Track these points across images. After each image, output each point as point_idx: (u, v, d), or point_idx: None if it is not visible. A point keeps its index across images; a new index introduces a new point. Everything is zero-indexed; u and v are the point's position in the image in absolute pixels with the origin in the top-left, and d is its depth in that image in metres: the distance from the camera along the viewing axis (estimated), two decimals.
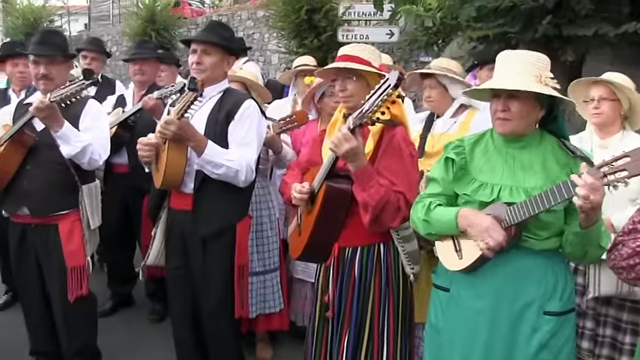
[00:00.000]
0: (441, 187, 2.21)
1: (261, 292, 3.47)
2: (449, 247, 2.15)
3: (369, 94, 2.16)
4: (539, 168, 2.05)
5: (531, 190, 1.99)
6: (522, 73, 2.01)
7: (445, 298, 2.23)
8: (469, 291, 2.14)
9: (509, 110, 2.02)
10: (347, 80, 2.49)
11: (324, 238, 2.49)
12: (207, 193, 2.81)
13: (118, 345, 3.79)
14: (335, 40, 9.88)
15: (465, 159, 2.16)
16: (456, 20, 6.14)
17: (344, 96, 2.51)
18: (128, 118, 3.93)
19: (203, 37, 2.90)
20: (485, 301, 2.09)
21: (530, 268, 2.04)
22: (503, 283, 2.06)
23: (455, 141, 2.25)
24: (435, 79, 3.20)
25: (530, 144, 2.09)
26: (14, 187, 3.06)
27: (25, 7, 20.91)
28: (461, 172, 2.16)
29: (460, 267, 2.11)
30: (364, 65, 2.46)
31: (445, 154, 2.22)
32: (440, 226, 2.13)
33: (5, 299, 4.51)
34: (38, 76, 3.01)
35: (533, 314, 2.04)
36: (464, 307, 2.15)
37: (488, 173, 2.10)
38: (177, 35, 15.81)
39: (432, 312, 2.30)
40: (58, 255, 3.07)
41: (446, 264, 2.18)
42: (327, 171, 2.39)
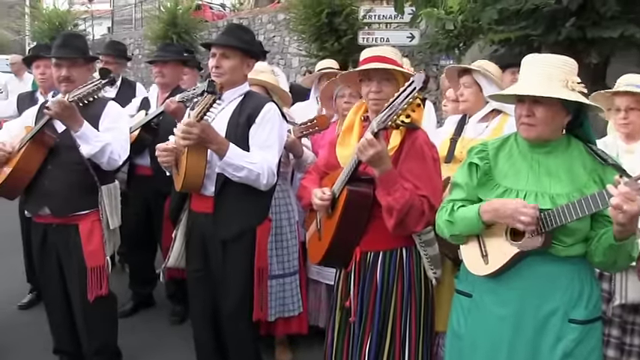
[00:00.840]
0: (464, 193, 2.18)
1: (280, 296, 3.47)
2: (475, 252, 2.13)
3: (394, 97, 2.13)
4: (565, 174, 2.01)
5: (557, 197, 1.96)
6: (548, 77, 1.97)
7: (467, 304, 2.20)
8: (492, 297, 2.10)
9: (534, 116, 1.98)
10: (384, 82, 2.45)
11: (345, 242, 2.47)
12: (227, 196, 2.80)
13: (138, 345, 3.80)
14: (355, 44, 9.88)
15: (489, 164, 2.13)
16: (477, 23, 6.10)
17: (379, 98, 2.44)
18: (151, 121, 3.95)
19: (222, 40, 2.91)
20: (509, 308, 2.05)
21: (555, 274, 2.00)
22: (527, 289, 2.02)
23: (478, 145, 2.22)
24: (472, 77, 3.13)
25: (557, 149, 2.05)
26: (36, 187, 3.09)
27: (50, 11, 21.29)
28: (485, 178, 2.13)
29: (486, 272, 2.08)
30: (398, 67, 2.44)
31: (469, 159, 2.19)
32: (464, 224, 2.10)
33: (30, 298, 4.56)
34: (60, 79, 3.05)
35: (557, 322, 2.00)
36: (486, 314, 2.12)
37: (513, 178, 2.07)
38: (199, 38, 15.94)
39: (454, 318, 2.27)
40: (78, 255, 3.10)
41: (471, 269, 2.15)
42: (349, 175, 2.37)
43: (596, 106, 2.08)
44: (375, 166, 2.25)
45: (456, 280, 2.31)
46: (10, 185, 3.08)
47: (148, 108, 4.20)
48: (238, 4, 22.79)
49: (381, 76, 2.45)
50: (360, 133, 2.55)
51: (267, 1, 19.97)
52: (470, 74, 3.15)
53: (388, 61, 2.45)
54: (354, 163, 2.33)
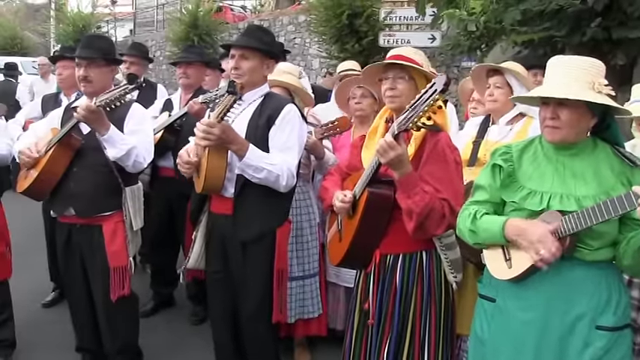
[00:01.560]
0: (487, 195, 2.15)
1: (300, 297, 3.47)
2: (498, 256, 2.09)
3: (414, 99, 2.12)
4: (591, 176, 1.98)
5: (583, 199, 1.93)
6: (574, 79, 1.94)
7: (491, 309, 2.17)
8: (516, 302, 2.07)
9: (559, 118, 1.95)
10: (398, 80, 2.45)
11: (365, 244, 2.46)
12: (247, 198, 2.80)
13: (159, 345, 3.84)
14: (376, 45, 9.86)
15: (513, 166, 2.10)
16: (500, 24, 6.03)
17: (392, 95, 2.46)
18: (174, 122, 3.98)
19: (241, 41, 2.92)
20: (534, 313, 2.02)
21: (582, 279, 1.96)
22: (552, 294, 1.99)
23: (502, 147, 2.19)
24: (504, 77, 3.06)
25: (582, 151, 2.02)
26: (62, 188, 3.13)
27: (75, 14, 21.60)
28: (509, 180, 2.10)
29: (509, 276, 2.05)
30: (418, 66, 2.42)
31: (492, 161, 2.16)
32: (486, 236, 2.07)
33: (53, 296, 4.62)
34: (79, 78, 3.09)
35: (584, 328, 1.96)
36: (510, 319, 2.09)
37: (538, 181, 2.04)
38: (220, 40, 16.02)
39: (477, 322, 2.24)
40: (102, 255, 3.13)
41: (494, 273, 2.12)
42: (370, 177, 2.36)
43: (624, 109, 2.04)
44: (394, 168, 2.24)
45: (479, 285, 2.28)
46: (38, 187, 3.12)
47: (170, 109, 4.23)
48: (259, 6, 22.92)
49: (395, 73, 2.45)
50: (382, 136, 2.54)
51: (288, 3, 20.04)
52: (501, 75, 3.08)
53: (405, 59, 2.44)
54: (375, 165, 2.32)
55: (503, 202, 2.13)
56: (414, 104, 2.11)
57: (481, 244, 2.14)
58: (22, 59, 15.76)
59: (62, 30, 21.86)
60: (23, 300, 4.13)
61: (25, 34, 28.88)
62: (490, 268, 2.15)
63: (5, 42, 26.17)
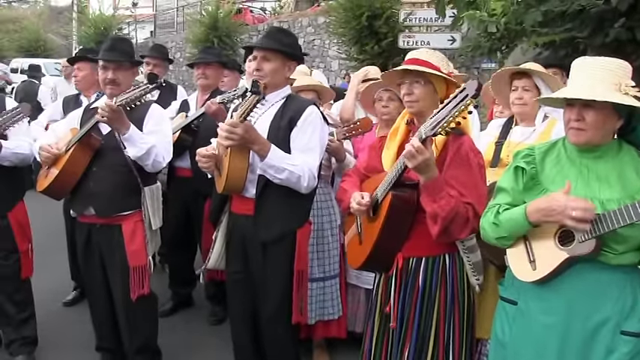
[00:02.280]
0: (510, 197, 2.12)
1: (320, 299, 3.46)
2: (522, 257, 2.07)
3: (443, 103, 2.09)
4: (615, 179, 1.94)
5: (607, 202, 1.89)
6: (600, 80, 1.90)
7: (512, 312, 2.14)
8: (539, 304, 2.04)
9: (584, 120, 1.92)
10: (414, 84, 2.42)
11: (388, 247, 2.44)
12: (268, 199, 2.81)
13: (177, 344, 3.85)
14: (396, 47, 9.84)
15: (536, 168, 2.07)
16: (520, 25, 5.97)
17: (409, 100, 2.44)
18: (191, 123, 4.00)
19: (263, 43, 2.92)
20: (556, 317, 1.99)
21: (606, 283, 1.93)
22: (575, 298, 1.96)
23: (525, 149, 2.16)
24: (532, 80, 3.01)
25: (607, 154, 1.98)
26: (81, 188, 3.16)
27: (96, 16, 21.91)
28: (531, 182, 2.07)
29: (534, 278, 2.02)
30: (434, 70, 2.39)
31: (515, 163, 2.13)
32: (509, 225, 2.04)
33: (74, 295, 4.66)
34: (106, 81, 3.11)
35: (608, 333, 1.92)
36: (532, 322, 2.06)
37: (561, 184, 1.99)
38: (239, 41, 16.12)
39: (498, 325, 2.21)
40: (121, 254, 3.15)
41: (518, 274, 2.09)
42: (394, 181, 2.34)
43: None
44: (421, 172, 2.21)
45: (501, 287, 2.25)
46: (58, 186, 3.15)
47: (187, 110, 4.26)
48: (279, 8, 23.01)
49: (412, 78, 2.43)
50: (402, 138, 2.52)
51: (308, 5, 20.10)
52: (529, 77, 3.02)
53: (421, 63, 2.41)
54: (400, 168, 2.29)
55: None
56: (442, 109, 2.08)
57: (505, 238, 2.10)
58: (45, 61, 16.03)
59: (84, 32, 22.19)
60: (44, 299, 4.17)
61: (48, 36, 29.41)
62: (514, 270, 2.12)
63: (29, 44, 26.68)
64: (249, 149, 2.71)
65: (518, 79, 3.05)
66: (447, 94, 2.42)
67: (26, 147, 3.42)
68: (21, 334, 3.59)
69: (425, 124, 2.16)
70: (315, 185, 2.85)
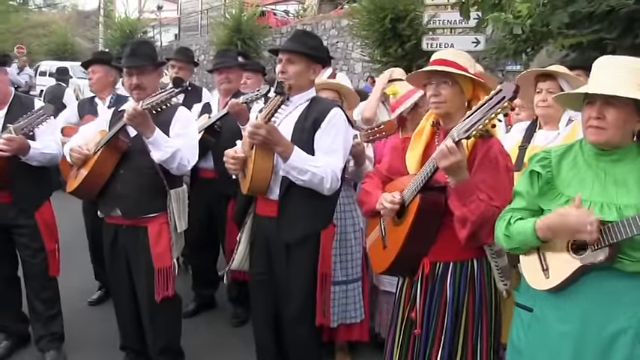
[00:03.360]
0: (525, 202, 2.09)
1: (342, 302, 3.45)
2: (535, 265, 2.03)
3: (477, 105, 2.07)
4: (634, 184, 1.88)
5: (624, 208, 1.84)
6: (622, 79, 1.86)
7: (528, 318, 2.11)
8: (554, 312, 2.00)
9: (604, 118, 1.87)
10: (442, 85, 2.38)
11: (414, 251, 2.42)
12: (292, 200, 2.81)
13: (200, 345, 3.88)
14: (419, 49, 9.79)
15: (552, 172, 2.03)
16: (546, 27, 5.89)
17: (437, 101, 2.40)
18: (214, 124, 4.02)
19: (287, 46, 2.94)
20: (571, 325, 1.94)
21: (622, 291, 1.87)
22: (591, 306, 1.91)
23: (541, 152, 2.12)
24: (557, 82, 2.97)
25: (625, 157, 1.93)
26: (109, 189, 3.19)
27: (122, 20, 22.22)
28: (547, 187, 2.03)
29: (547, 286, 1.98)
30: (461, 71, 2.36)
31: (530, 167, 2.10)
32: (519, 239, 2.02)
33: (99, 295, 4.72)
34: (132, 87, 3.14)
35: (627, 343, 1.86)
36: (547, 329, 2.02)
37: (577, 188, 1.96)
38: (263, 44, 16.20)
39: (514, 332, 2.18)
40: (147, 256, 3.18)
41: (531, 283, 2.06)
42: (424, 183, 2.30)
43: None
44: (452, 174, 2.19)
45: (516, 293, 2.22)
46: (87, 188, 3.20)
47: (209, 113, 4.28)
48: (302, 11, 23.07)
49: (439, 79, 2.39)
50: (427, 139, 2.50)
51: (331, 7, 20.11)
52: (554, 79, 2.98)
53: (448, 63, 2.38)
54: (431, 170, 2.26)
55: (542, 210, 2.06)
56: (476, 111, 2.06)
57: (517, 249, 2.09)
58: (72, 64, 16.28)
59: (110, 35, 22.53)
60: (70, 297, 4.23)
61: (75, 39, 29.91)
62: (527, 278, 2.09)
63: (57, 47, 27.19)
64: (273, 150, 2.72)
65: (543, 81, 3.01)
66: (474, 95, 2.40)
67: (54, 147, 3.47)
68: (49, 330, 3.67)
69: (458, 126, 2.13)
70: (338, 187, 2.84)
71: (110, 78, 4.68)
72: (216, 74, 4.31)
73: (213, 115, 4.16)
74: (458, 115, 2.34)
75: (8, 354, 3.72)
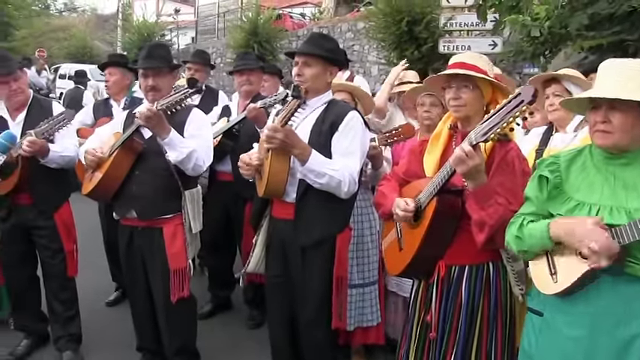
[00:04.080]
0: (534, 207, 2.08)
1: (359, 305, 3.43)
2: (543, 269, 2.01)
3: (496, 108, 2.05)
4: None
5: (634, 212, 1.81)
6: (627, 81, 1.84)
7: (538, 323, 2.08)
8: (564, 317, 1.97)
9: (610, 122, 1.85)
10: (463, 89, 2.37)
11: (430, 254, 2.41)
12: (308, 203, 2.81)
13: (215, 347, 3.88)
14: (436, 52, 9.73)
15: (560, 177, 2.01)
16: (565, 29, 5.84)
17: (457, 105, 2.39)
18: (232, 127, 4.04)
19: (303, 48, 2.94)
20: (582, 330, 1.91)
21: (632, 296, 1.83)
22: (601, 311, 1.87)
23: (549, 157, 2.10)
24: (561, 85, 3.00)
25: (635, 161, 1.90)
26: (124, 191, 3.22)
27: (140, 23, 22.42)
28: (555, 191, 2.01)
29: (555, 290, 1.95)
30: (482, 74, 2.35)
31: (539, 172, 2.08)
32: (532, 241, 2.00)
33: (116, 295, 4.76)
34: (147, 88, 3.16)
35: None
36: (558, 334, 1.99)
37: (586, 192, 1.94)
38: (279, 47, 16.24)
39: (525, 337, 2.16)
40: (162, 257, 3.19)
41: (539, 287, 2.03)
42: (441, 186, 2.29)
43: None
44: (470, 178, 2.17)
45: (528, 297, 2.20)
46: (102, 190, 3.22)
47: (228, 115, 4.30)
48: (318, 13, 23.10)
49: (459, 82, 2.38)
50: (445, 142, 2.49)
51: (347, 10, 20.12)
52: (559, 82, 3.02)
53: (469, 67, 2.36)
54: (447, 174, 2.24)
55: (551, 215, 2.03)
56: (495, 114, 2.04)
57: (526, 252, 2.06)
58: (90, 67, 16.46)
59: (128, 38, 22.74)
60: (88, 298, 4.26)
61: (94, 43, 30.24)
62: (535, 282, 2.06)
63: (77, 51, 27.52)
64: (290, 153, 2.72)
65: (548, 86, 3.05)
66: (492, 99, 2.39)
67: (72, 149, 3.52)
68: (67, 331, 3.71)
69: (476, 129, 2.12)
70: (355, 190, 2.83)
71: (126, 81, 4.73)
72: (237, 76, 4.31)
73: (231, 119, 4.17)
74: (476, 118, 2.33)
75: (28, 352, 3.77)
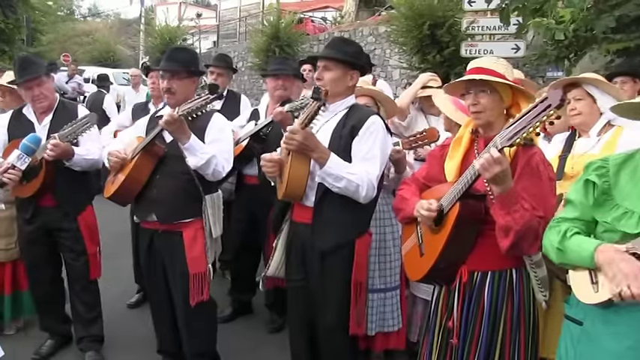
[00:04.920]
0: (578, 212, 2.00)
1: (380, 310, 3.41)
2: (584, 277, 1.92)
3: (522, 113, 2.02)
4: None
5: None
6: None
7: (577, 332, 2.00)
8: (606, 327, 1.88)
9: None
10: (480, 94, 2.35)
11: (452, 260, 2.38)
12: (327, 207, 2.80)
13: (235, 350, 3.88)
14: (458, 56, 9.65)
15: (609, 182, 1.93)
16: (591, 32, 5.75)
17: (475, 110, 2.38)
18: (260, 131, 4.04)
19: (323, 53, 2.95)
20: (624, 342, 1.82)
21: None
22: None
23: (598, 161, 2.02)
24: (583, 89, 2.96)
25: None
26: (145, 194, 3.24)
27: (162, 27, 22.64)
28: (603, 197, 1.94)
29: (595, 300, 1.87)
30: (500, 78, 2.32)
31: (585, 176, 2.00)
32: (574, 258, 1.92)
33: (137, 298, 4.80)
34: (163, 90, 3.19)
35: None
36: (598, 346, 1.90)
37: (636, 199, 1.86)
38: (300, 51, 16.26)
39: (562, 346, 2.08)
40: (182, 261, 3.20)
41: (579, 295, 1.95)
42: (464, 191, 2.26)
43: None
44: (496, 183, 2.14)
45: (566, 305, 2.12)
46: (123, 193, 3.24)
47: (257, 119, 4.29)
48: (339, 18, 23.09)
49: (477, 87, 2.36)
50: (466, 147, 2.46)
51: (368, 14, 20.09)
52: (579, 86, 2.98)
53: (486, 71, 2.34)
54: (471, 178, 2.21)
55: (595, 222, 1.97)
56: (521, 119, 2.01)
57: (566, 265, 1.99)
58: (113, 71, 16.67)
59: (150, 43, 22.96)
60: (110, 300, 4.31)
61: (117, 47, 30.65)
62: (575, 291, 1.99)
63: (100, 55, 27.92)
64: (309, 156, 2.71)
65: (569, 90, 3.00)
66: (513, 102, 2.36)
67: (96, 152, 3.56)
68: (89, 332, 3.77)
69: (501, 134, 2.08)
70: (374, 195, 2.81)
71: None
72: (271, 80, 4.28)
73: (259, 122, 4.18)
74: (497, 123, 2.32)
75: (52, 353, 3.83)
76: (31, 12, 12.36)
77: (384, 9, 17.96)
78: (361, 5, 22.26)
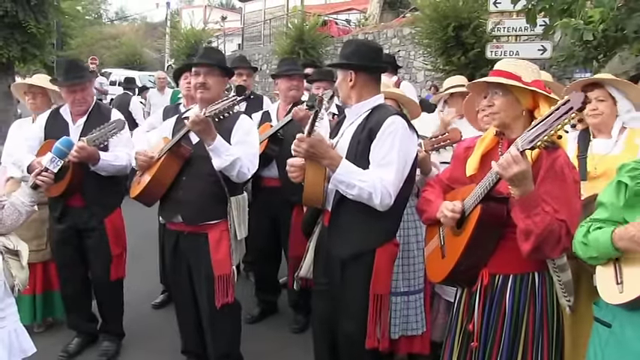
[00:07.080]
0: (608, 213, 1.99)
1: (404, 314, 3.38)
2: (609, 278, 1.93)
3: (543, 116, 2.01)
4: None
5: None
6: None
7: (605, 335, 1.99)
8: (634, 330, 1.88)
9: None
10: (495, 95, 2.37)
11: (473, 262, 2.36)
12: (343, 213, 2.75)
13: (260, 352, 3.89)
14: (483, 57, 9.58)
15: None
16: (621, 32, 5.64)
17: (490, 112, 2.41)
18: (277, 132, 4.05)
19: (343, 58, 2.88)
20: None
21: None
22: None
23: (632, 162, 2.01)
24: (605, 90, 2.95)
25: None
26: (171, 196, 3.26)
27: (187, 30, 22.90)
28: (635, 199, 1.93)
29: (620, 301, 1.88)
30: (512, 80, 2.30)
31: (618, 177, 2.00)
32: (596, 248, 1.94)
33: (162, 298, 4.83)
34: (197, 85, 3.18)
35: None
36: (626, 349, 1.90)
37: None
38: (324, 53, 16.30)
39: (591, 349, 2.07)
40: (207, 263, 3.21)
41: (604, 296, 1.96)
42: (486, 193, 2.24)
43: None
44: (516, 185, 2.11)
45: (595, 307, 2.11)
46: (149, 194, 3.27)
47: (268, 121, 4.31)
48: (364, 20, 23.07)
49: (492, 89, 2.38)
50: (487, 145, 2.45)
51: (393, 16, 20.04)
52: (602, 87, 2.97)
53: (506, 75, 2.34)
54: (493, 180, 2.20)
55: (626, 223, 1.94)
56: (543, 121, 2.00)
57: (596, 258, 1.99)
58: (139, 73, 16.88)
59: (176, 45, 23.24)
60: (135, 300, 4.35)
61: (143, 50, 31.08)
62: (600, 290, 1.99)
63: (127, 58, 28.34)
64: (320, 163, 2.69)
65: (591, 90, 2.98)
66: (535, 105, 2.33)
67: (124, 158, 3.61)
68: (109, 328, 3.89)
69: (522, 136, 2.07)
70: (391, 203, 2.65)
71: None
72: (286, 80, 4.29)
73: (273, 124, 4.19)
74: (517, 125, 2.33)
75: (79, 351, 3.89)
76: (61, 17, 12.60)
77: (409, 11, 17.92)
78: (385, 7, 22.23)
